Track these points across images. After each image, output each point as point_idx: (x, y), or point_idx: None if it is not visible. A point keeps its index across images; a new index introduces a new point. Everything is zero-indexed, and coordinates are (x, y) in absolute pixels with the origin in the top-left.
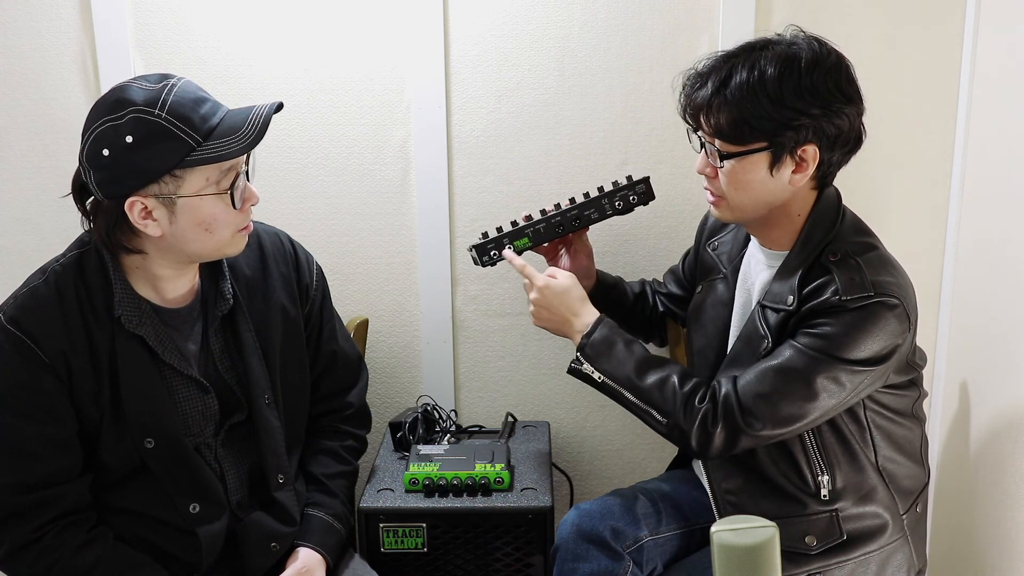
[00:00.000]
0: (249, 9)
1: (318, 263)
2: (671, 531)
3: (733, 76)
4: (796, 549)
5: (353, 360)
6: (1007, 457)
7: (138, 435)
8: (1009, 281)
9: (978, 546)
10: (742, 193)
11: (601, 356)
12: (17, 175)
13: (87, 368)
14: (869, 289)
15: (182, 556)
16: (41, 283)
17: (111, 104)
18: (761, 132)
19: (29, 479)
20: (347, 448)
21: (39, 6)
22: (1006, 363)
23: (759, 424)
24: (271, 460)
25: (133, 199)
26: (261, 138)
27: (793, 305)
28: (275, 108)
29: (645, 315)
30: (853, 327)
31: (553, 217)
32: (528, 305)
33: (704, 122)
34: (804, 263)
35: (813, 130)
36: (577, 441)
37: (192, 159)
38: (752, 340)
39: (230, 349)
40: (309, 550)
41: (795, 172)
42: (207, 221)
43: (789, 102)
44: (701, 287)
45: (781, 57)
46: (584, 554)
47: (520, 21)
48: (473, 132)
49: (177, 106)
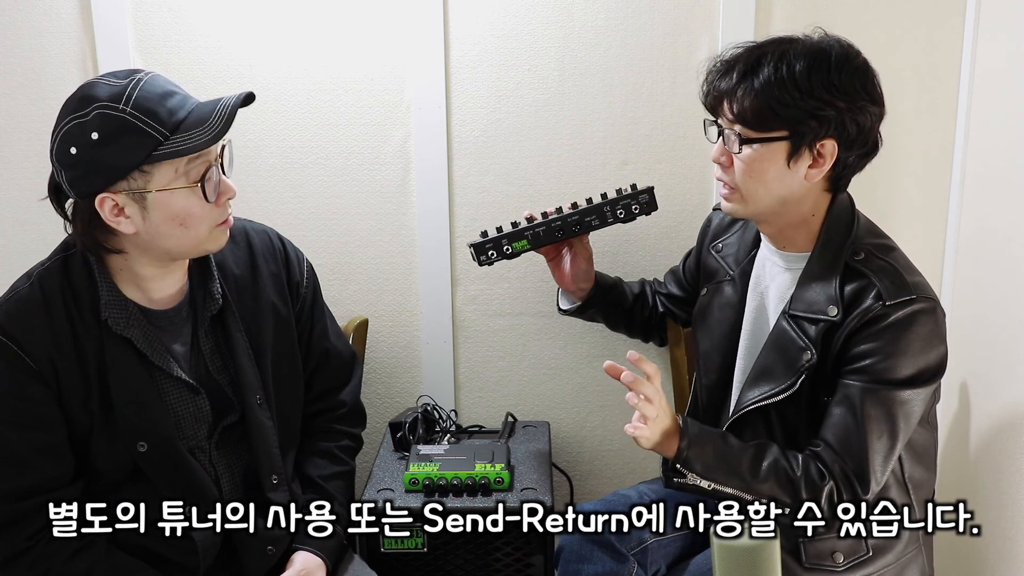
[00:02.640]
0: (249, 9)
1: (308, 260)
2: (675, 532)
3: (763, 65)
4: (822, 566)
5: (346, 358)
6: (1007, 457)
7: (130, 439)
8: (1009, 281)
9: (978, 547)
10: (757, 183)
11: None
12: (17, 175)
13: (75, 373)
14: (911, 291)
15: (178, 560)
16: (26, 288)
17: (77, 101)
18: (784, 120)
19: (21, 487)
20: (342, 448)
21: (39, 6)
22: (1006, 363)
23: (873, 480)
24: (264, 461)
25: (103, 196)
26: (227, 129)
27: (838, 315)
28: (243, 98)
29: (645, 315)
30: (906, 343)
31: (553, 221)
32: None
33: (727, 108)
34: (833, 268)
35: (835, 124)
36: (577, 441)
37: (159, 154)
38: (788, 351)
39: (220, 350)
40: (308, 553)
41: (811, 167)
42: (180, 215)
43: (816, 93)
44: (706, 290)
45: (811, 51)
46: (588, 555)
47: (520, 21)
48: (473, 132)
49: (142, 100)
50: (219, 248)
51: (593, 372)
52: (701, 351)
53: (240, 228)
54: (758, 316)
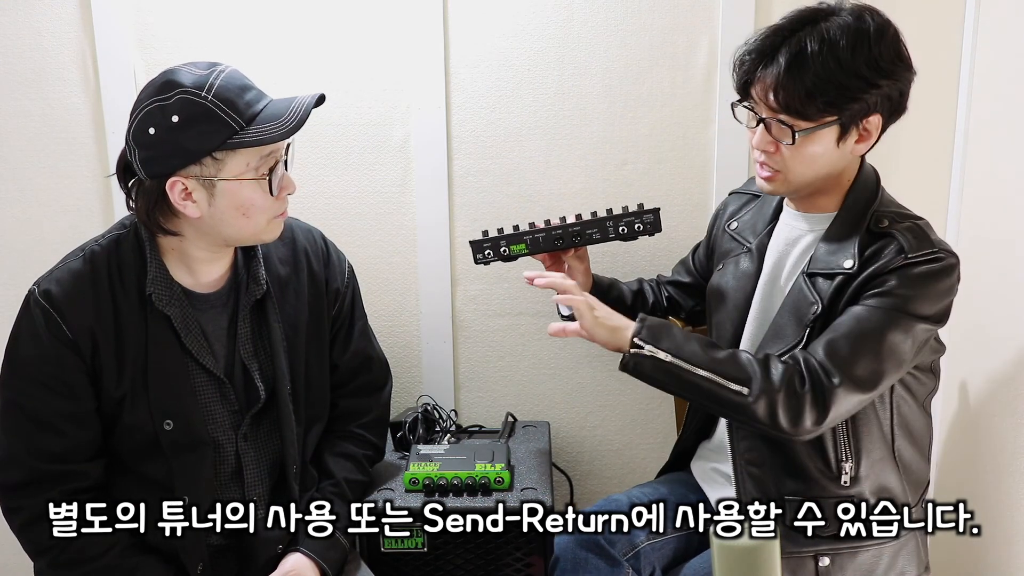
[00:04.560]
0: (249, 9)
1: (350, 262)
2: (668, 536)
3: (805, 50)
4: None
5: (383, 361)
6: (1007, 457)
7: (159, 416)
8: (1009, 281)
9: (978, 547)
10: (806, 167)
11: (662, 336)
12: (17, 175)
13: (114, 346)
14: (934, 246)
15: (168, 552)
16: (77, 260)
17: (160, 85)
18: (833, 106)
19: (54, 449)
20: (367, 458)
21: (39, 6)
22: (1006, 363)
23: (841, 384)
24: (291, 451)
25: (175, 179)
26: (301, 125)
27: (853, 268)
28: (316, 99)
29: (647, 311)
30: (922, 283)
31: (554, 230)
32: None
33: (772, 98)
34: (855, 230)
35: (880, 100)
36: (577, 441)
37: (234, 142)
38: (799, 308)
39: (255, 337)
40: (300, 555)
41: (858, 142)
42: (245, 205)
43: (863, 73)
44: (722, 265)
45: (849, 28)
46: (583, 563)
47: (520, 21)
48: (473, 132)
49: (223, 90)
50: (274, 239)
51: (593, 372)
52: (714, 321)
53: (287, 225)
54: (771, 282)
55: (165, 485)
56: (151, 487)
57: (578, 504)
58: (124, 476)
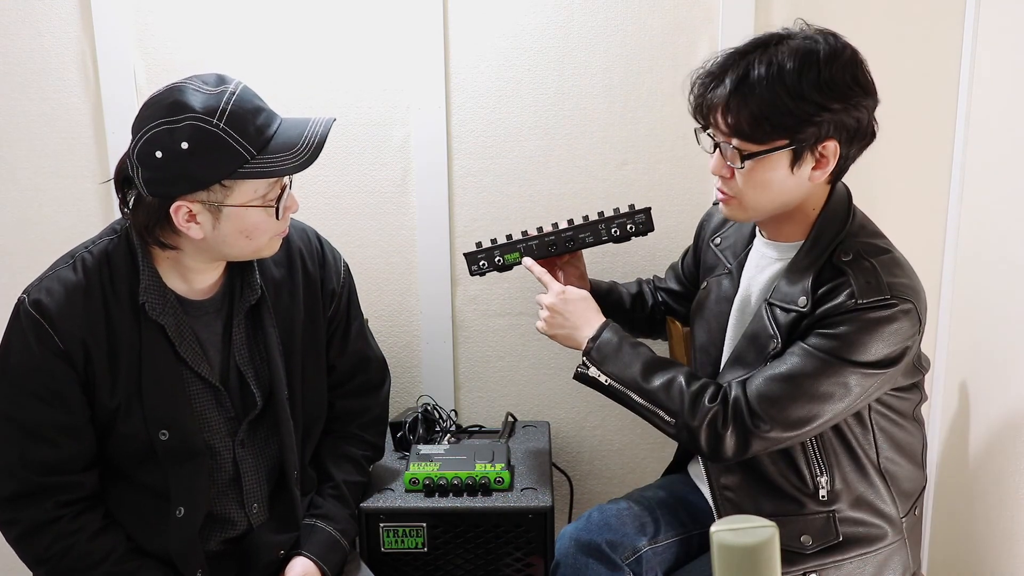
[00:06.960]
0: (249, 10)
1: (345, 261)
2: (669, 539)
3: (751, 72)
4: (792, 548)
5: (381, 361)
6: (1007, 457)
7: (154, 426)
8: (1009, 281)
9: (978, 547)
10: (760, 193)
11: (607, 359)
12: (17, 175)
13: (107, 356)
14: (885, 292)
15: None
16: (67, 268)
17: (168, 106)
18: (783, 129)
19: (47, 460)
20: (366, 458)
21: (39, 6)
22: (1006, 363)
23: (767, 427)
24: (289, 456)
25: (180, 203)
26: (315, 158)
27: (806, 307)
28: (330, 125)
29: (647, 313)
30: (865, 330)
31: (547, 236)
32: (540, 310)
33: (721, 121)
34: (816, 262)
35: (834, 125)
36: (577, 441)
37: (244, 171)
38: (759, 338)
39: (250, 342)
40: (307, 560)
41: (815, 169)
42: (249, 229)
43: (810, 96)
44: (706, 283)
45: (798, 51)
46: (584, 567)
47: (520, 21)
48: (473, 132)
49: (234, 117)
50: (272, 253)
51: None
52: (697, 345)
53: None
54: (743, 307)
55: (162, 493)
56: (148, 495)
57: (578, 504)
58: (120, 484)
